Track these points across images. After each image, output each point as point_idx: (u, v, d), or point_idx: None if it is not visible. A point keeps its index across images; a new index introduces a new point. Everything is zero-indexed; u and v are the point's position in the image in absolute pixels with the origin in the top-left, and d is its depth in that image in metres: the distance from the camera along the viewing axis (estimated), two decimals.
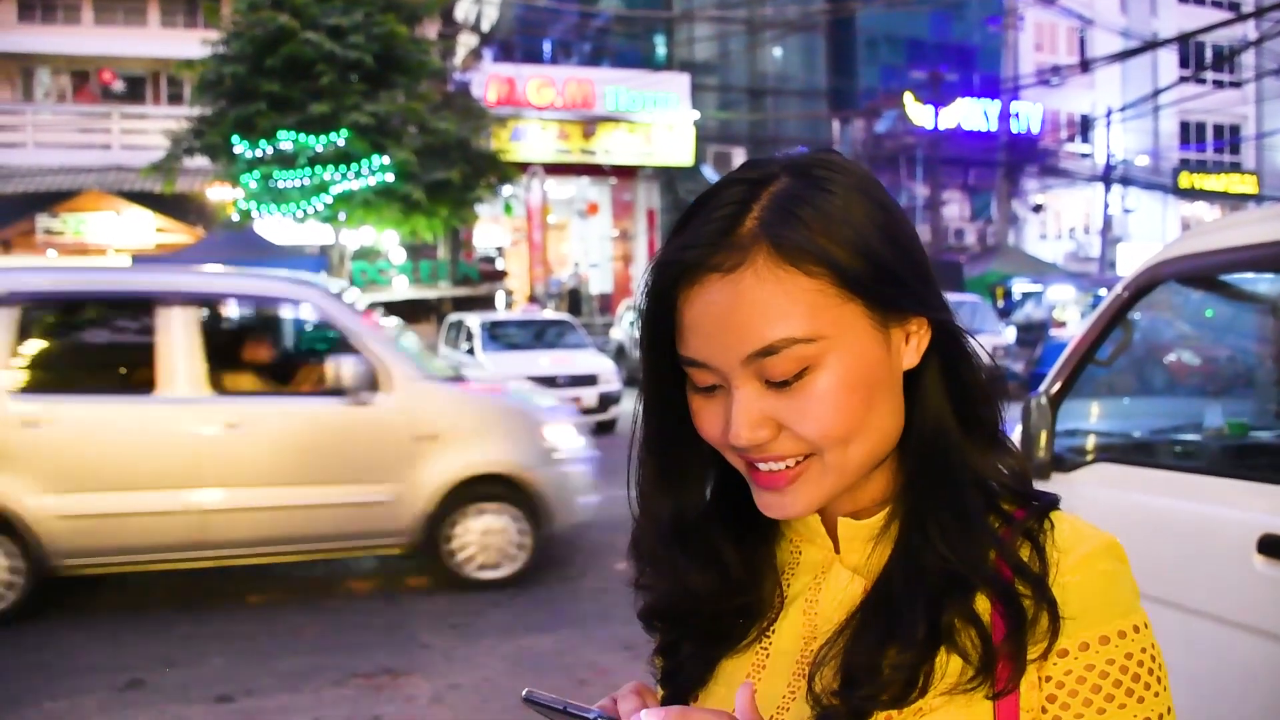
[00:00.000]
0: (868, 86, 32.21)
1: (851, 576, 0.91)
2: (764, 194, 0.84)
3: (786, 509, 0.88)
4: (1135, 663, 0.83)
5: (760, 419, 0.84)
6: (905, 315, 0.87)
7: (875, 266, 0.83)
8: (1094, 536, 0.86)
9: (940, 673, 0.82)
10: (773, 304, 0.82)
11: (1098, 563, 0.85)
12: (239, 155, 17.67)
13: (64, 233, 22.51)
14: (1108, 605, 0.84)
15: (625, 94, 26.91)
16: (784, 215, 0.83)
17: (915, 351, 0.88)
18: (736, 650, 0.95)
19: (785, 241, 0.82)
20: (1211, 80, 35.15)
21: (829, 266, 0.82)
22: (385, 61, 18.22)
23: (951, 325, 0.89)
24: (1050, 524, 0.87)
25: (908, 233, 0.88)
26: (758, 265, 0.82)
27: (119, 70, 25.90)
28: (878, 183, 0.89)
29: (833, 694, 0.84)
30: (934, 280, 0.89)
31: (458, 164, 18.87)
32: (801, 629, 0.92)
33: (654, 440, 0.95)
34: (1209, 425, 3.47)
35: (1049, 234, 36.43)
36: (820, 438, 0.84)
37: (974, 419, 0.90)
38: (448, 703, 4.99)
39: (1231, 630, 2.43)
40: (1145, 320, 3.50)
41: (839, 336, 0.83)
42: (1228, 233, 2.79)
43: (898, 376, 0.88)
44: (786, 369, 0.83)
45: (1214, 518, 2.56)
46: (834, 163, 0.88)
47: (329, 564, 7.70)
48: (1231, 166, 38.16)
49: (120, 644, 5.92)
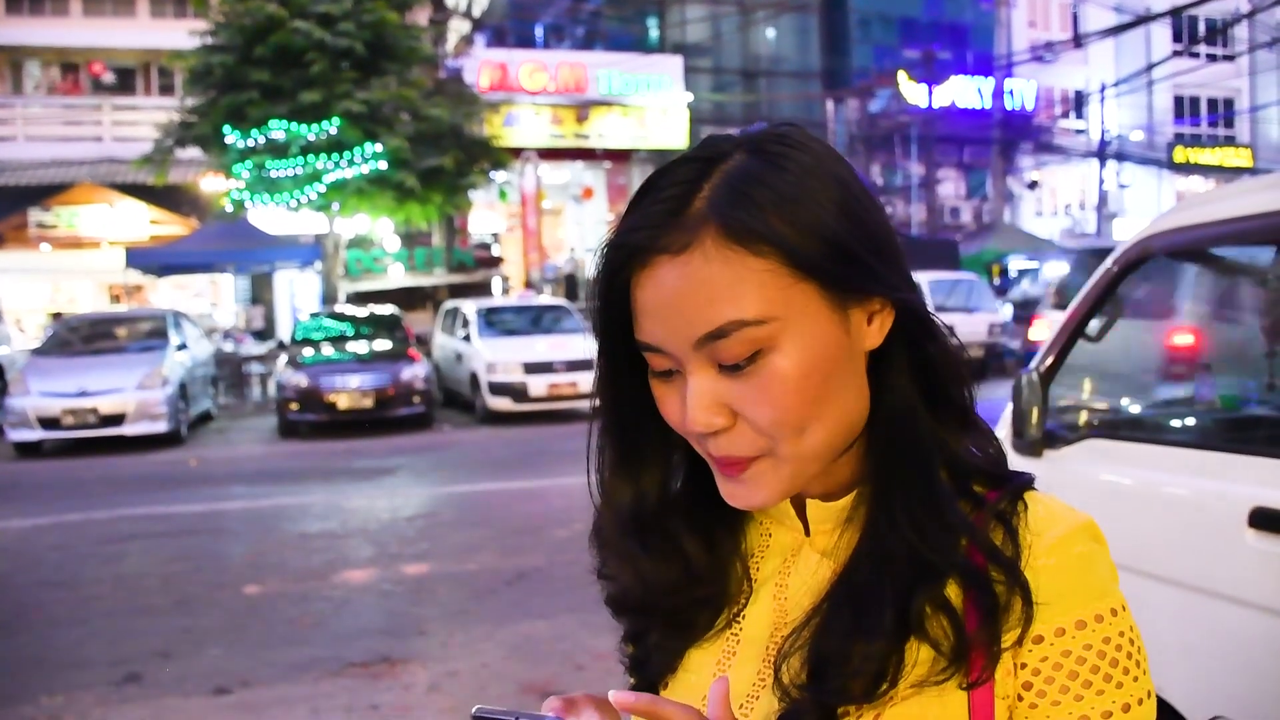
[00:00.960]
0: (861, 66, 32.11)
1: (820, 560, 0.89)
2: (715, 172, 0.82)
3: (749, 499, 0.85)
4: (1114, 647, 0.81)
5: (714, 405, 0.82)
6: (865, 295, 0.83)
7: (829, 246, 0.80)
8: (1069, 517, 0.84)
9: (911, 664, 0.80)
10: (721, 286, 0.79)
11: (1073, 545, 0.82)
12: (231, 145, 17.64)
13: (57, 226, 22.44)
14: (1084, 589, 0.81)
15: (618, 77, 26.82)
16: (733, 194, 0.80)
17: (878, 331, 0.85)
18: (705, 639, 0.92)
19: (733, 221, 0.79)
20: (1205, 54, 35.07)
21: (778, 246, 0.79)
22: (376, 49, 18.17)
23: (915, 304, 0.86)
24: (1024, 505, 0.85)
25: (868, 210, 0.84)
26: (706, 246, 0.79)
27: (109, 62, 25.80)
28: (839, 158, 0.86)
29: (800, 686, 0.82)
30: (898, 258, 0.86)
31: (451, 150, 18.84)
32: (771, 615, 0.90)
33: (611, 427, 0.93)
34: (1201, 399, 3.46)
35: (1044, 210, 36.37)
36: (773, 424, 0.81)
37: (943, 399, 0.87)
38: (446, 690, 4.99)
39: (1223, 604, 2.42)
40: (1136, 294, 3.48)
41: (791, 318, 0.80)
42: (1218, 205, 2.77)
43: (859, 358, 0.85)
44: (738, 352, 0.80)
45: (1205, 491, 2.55)
46: (791, 138, 0.84)
47: (325, 553, 7.71)
48: (1226, 140, 38.09)
49: (116, 638, 5.92)
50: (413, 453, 12.56)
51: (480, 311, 16.06)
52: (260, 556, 7.75)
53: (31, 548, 8.31)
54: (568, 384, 14.56)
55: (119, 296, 22.42)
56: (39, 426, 12.95)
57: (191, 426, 14.57)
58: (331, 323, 16.28)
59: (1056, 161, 34.62)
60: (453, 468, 11.36)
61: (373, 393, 14.03)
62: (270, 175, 17.80)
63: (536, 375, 14.50)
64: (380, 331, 15.81)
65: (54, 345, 14.45)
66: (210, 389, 16.11)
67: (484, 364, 14.70)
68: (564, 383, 14.55)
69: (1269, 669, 2.30)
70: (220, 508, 9.50)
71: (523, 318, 16.29)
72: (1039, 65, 30.34)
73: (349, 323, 16.23)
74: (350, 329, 15.99)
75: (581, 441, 0.94)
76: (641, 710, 0.74)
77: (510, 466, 11.24)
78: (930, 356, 0.87)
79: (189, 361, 14.61)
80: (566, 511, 8.55)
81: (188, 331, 15.39)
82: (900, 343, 0.86)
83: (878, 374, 0.87)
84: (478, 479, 10.64)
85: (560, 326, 15.97)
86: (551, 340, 15.19)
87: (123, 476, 11.49)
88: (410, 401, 14.29)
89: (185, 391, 14.09)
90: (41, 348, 14.57)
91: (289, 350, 15.53)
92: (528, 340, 15.18)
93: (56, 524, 8.98)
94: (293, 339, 15.91)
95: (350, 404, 14.00)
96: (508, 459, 11.96)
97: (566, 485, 10.03)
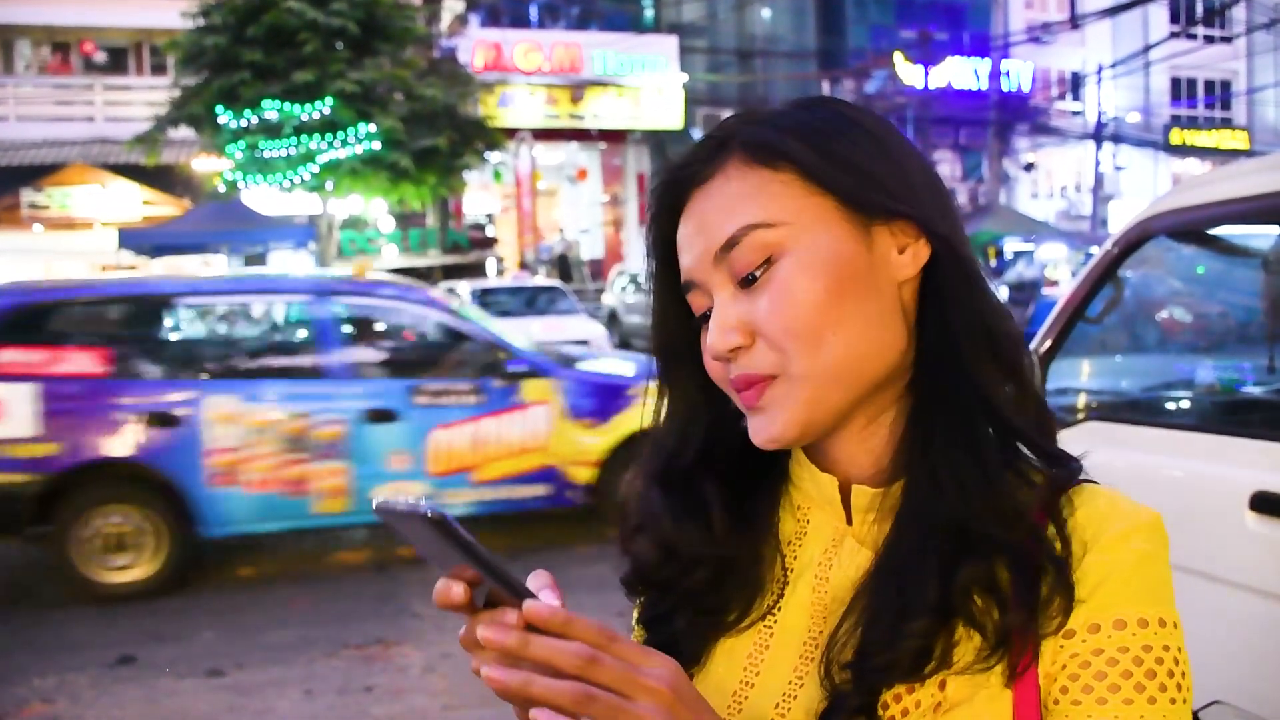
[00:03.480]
0: (857, 46, 31.97)
1: (862, 550, 0.84)
2: (759, 119, 0.85)
3: (769, 429, 0.82)
4: (1154, 658, 0.74)
5: (733, 323, 0.81)
6: (888, 215, 0.82)
7: (849, 165, 0.81)
8: (1133, 512, 0.80)
9: (960, 648, 0.75)
10: (737, 198, 0.81)
11: (1132, 540, 0.78)
12: (224, 126, 17.55)
13: (49, 207, 22.33)
14: (1132, 588, 0.76)
15: (613, 57, 26.69)
16: (762, 126, 0.84)
17: (911, 262, 0.83)
18: (737, 629, 0.87)
19: (753, 142, 0.82)
20: (1202, 35, 34.98)
21: (796, 161, 0.81)
22: (369, 28, 18.07)
23: (950, 238, 0.83)
24: (1082, 494, 0.81)
25: (903, 150, 0.85)
26: (728, 169, 0.83)
27: (101, 41, 25.61)
28: (882, 118, 0.86)
29: (844, 666, 0.78)
30: (936, 195, 0.84)
31: (445, 131, 18.76)
32: (810, 606, 0.85)
33: (661, 374, 0.93)
34: (1201, 382, 3.44)
35: (1040, 193, 36.31)
36: (785, 333, 0.79)
37: (987, 352, 0.82)
38: (440, 672, 4.98)
39: (1224, 588, 2.40)
40: (1136, 276, 3.46)
41: (804, 225, 0.80)
42: (1219, 185, 2.75)
43: (887, 286, 0.82)
44: (750, 259, 0.80)
45: (1206, 475, 2.53)
46: (834, 99, 0.88)
47: (319, 536, 7.68)
48: (1223, 122, 38.02)
49: (110, 620, 5.90)
50: None
51: (475, 293, 16.03)
52: (254, 539, 7.71)
53: None
54: None
55: None
56: None
57: None
58: None
59: (1053, 143, 34.55)
60: None
61: None
62: (263, 156, 17.71)
63: None
64: None
65: None
66: None
67: None
68: None
69: (1269, 654, 2.28)
70: None
71: (517, 299, 16.26)
72: (1036, 46, 30.22)
73: None
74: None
75: None
76: (555, 628, 0.68)
77: None
78: (970, 302, 0.83)
79: None
80: None
81: None
82: (941, 286, 0.83)
83: (920, 322, 0.84)
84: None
85: (555, 308, 15.95)
86: (546, 321, 15.16)
87: None
88: None
89: None
90: None
91: None
92: (523, 321, 15.12)
93: None
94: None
95: None
96: None
97: None
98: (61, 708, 4.72)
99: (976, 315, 0.82)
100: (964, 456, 0.79)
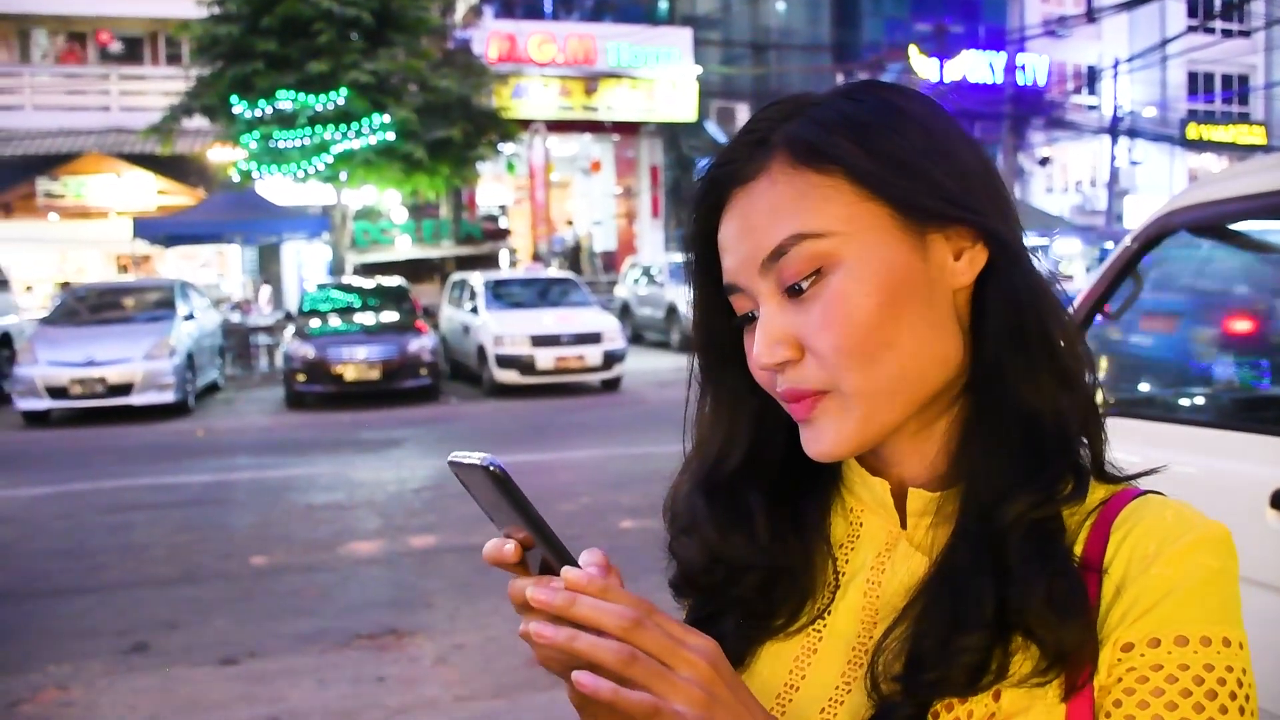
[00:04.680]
0: (872, 39, 31.85)
1: (917, 555, 0.82)
2: (801, 112, 0.81)
3: (818, 443, 0.79)
4: (1215, 679, 0.70)
5: (780, 335, 0.78)
6: (944, 221, 0.78)
7: (901, 166, 0.77)
8: (1202, 526, 0.75)
9: (1017, 659, 0.73)
10: (784, 203, 0.77)
11: (1199, 554, 0.73)
12: (239, 115, 17.58)
13: (64, 195, 22.44)
14: (1196, 605, 0.72)
15: (627, 49, 26.65)
16: (807, 122, 0.79)
17: (968, 268, 0.79)
18: (786, 633, 0.85)
19: (799, 143, 0.78)
20: (1220, 29, 34.74)
21: (844, 164, 0.77)
22: (384, 19, 18.08)
23: (1008, 240, 0.79)
24: (1147, 504, 0.78)
25: (955, 142, 0.80)
26: (773, 170, 0.79)
27: (116, 31, 25.65)
28: (931, 101, 0.82)
29: (893, 678, 0.75)
30: (993, 193, 0.80)
31: (459, 122, 18.77)
32: (860, 612, 0.83)
33: (704, 375, 0.90)
34: (1220, 378, 3.42)
35: (1055, 187, 36.15)
36: (837, 351, 0.76)
37: (1045, 355, 0.78)
38: (452, 663, 4.99)
39: (1244, 587, 2.38)
40: (1155, 272, 3.44)
41: (855, 234, 0.76)
42: (1240, 180, 2.73)
43: (942, 295, 0.79)
44: (799, 270, 0.77)
45: (1226, 472, 2.51)
46: (881, 83, 0.84)
47: (332, 525, 7.71)
48: (1240, 117, 37.76)
49: (124, 607, 5.92)
50: (419, 425, 12.56)
51: (488, 284, 16.02)
52: (267, 527, 7.75)
53: (38, 517, 8.32)
54: (575, 357, 14.52)
55: (126, 266, 22.45)
56: (47, 396, 12.96)
57: (199, 397, 14.57)
58: (339, 294, 16.25)
59: (1068, 138, 34.36)
60: (459, 440, 11.34)
61: (380, 364, 14.01)
62: (278, 146, 17.74)
63: (544, 348, 14.46)
64: (387, 303, 15.79)
65: (62, 315, 14.44)
66: (217, 359, 16.11)
67: (491, 336, 14.66)
68: (571, 356, 14.51)
69: None
70: (227, 478, 9.51)
71: (530, 291, 16.25)
72: (1052, 40, 30.06)
73: (356, 294, 16.20)
74: (357, 300, 15.96)
75: (587, 415, 0.90)
76: (593, 593, 0.67)
77: (517, 439, 11.23)
78: (1029, 308, 0.79)
79: (196, 332, 14.60)
80: (573, 485, 8.54)
81: (195, 302, 15.38)
82: (996, 287, 0.79)
83: (976, 326, 0.80)
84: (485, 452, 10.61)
85: (567, 300, 15.94)
86: (559, 313, 15.16)
87: (130, 446, 11.50)
88: (417, 373, 14.28)
89: (192, 362, 14.08)
90: (49, 317, 14.56)
91: (296, 321, 15.52)
92: (535, 313, 15.15)
93: (64, 493, 8.99)
94: (300, 310, 15.90)
95: (357, 375, 13.99)
96: (514, 432, 11.94)
97: (573, 459, 10.03)
98: (75, 694, 4.74)
99: (1034, 321, 0.79)
100: (1021, 465, 0.77)
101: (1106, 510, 0.78)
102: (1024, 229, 0.82)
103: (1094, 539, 0.77)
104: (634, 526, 7.14)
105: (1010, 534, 0.75)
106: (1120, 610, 0.73)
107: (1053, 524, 0.76)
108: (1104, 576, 0.75)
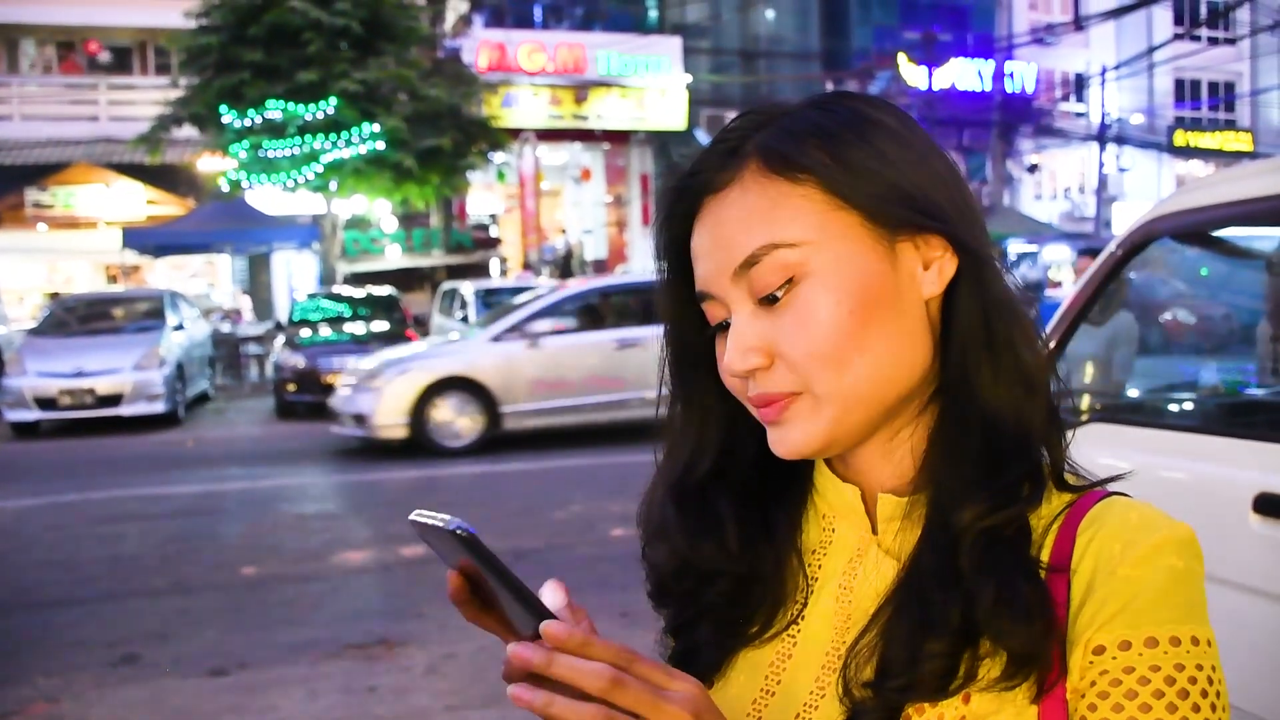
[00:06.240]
0: (861, 47, 31.94)
1: (888, 560, 0.83)
2: (773, 122, 0.82)
3: (787, 441, 0.80)
4: (1186, 678, 0.72)
5: (753, 343, 0.79)
6: (913, 230, 0.79)
7: (871, 176, 0.78)
8: (1166, 527, 0.76)
9: (986, 663, 0.74)
10: (756, 212, 0.79)
11: (1165, 556, 0.75)
12: (228, 125, 17.57)
13: (54, 206, 22.38)
14: (1166, 605, 0.73)
15: (617, 58, 26.69)
16: (779, 132, 0.80)
17: (936, 279, 0.80)
18: (760, 640, 0.86)
19: (771, 152, 0.79)
20: (1206, 37, 34.92)
21: (816, 173, 0.78)
22: (373, 28, 18.09)
23: (977, 251, 0.80)
24: (1112, 506, 0.79)
25: (926, 155, 0.82)
26: (745, 179, 0.80)
27: (105, 41, 25.61)
28: (904, 114, 0.84)
29: (864, 684, 0.76)
30: (963, 202, 0.82)
31: (449, 131, 18.78)
32: (835, 617, 0.84)
33: (674, 384, 0.91)
34: (1205, 383, 3.44)
35: (1044, 194, 36.27)
36: (808, 357, 0.77)
37: (1009, 364, 0.80)
38: (443, 673, 4.98)
39: (1228, 590, 2.40)
40: (1140, 278, 3.46)
41: (826, 244, 0.78)
42: (1223, 187, 2.75)
43: (913, 304, 0.80)
44: (770, 280, 0.78)
45: (1210, 477, 2.53)
46: (854, 93, 0.86)
47: (322, 535, 7.69)
48: (1226, 124, 37.96)
49: (113, 618, 5.90)
50: None
51: (478, 293, 16.03)
52: (257, 538, 7.73)
53: (28, 528, 8.29)
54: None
55: (116, 277, 22.37)
56: (36, 407, 12.92)
57: (188, 407, 14.53)
58: (329, 304, 16.23)
59: (1056, 145, 34.51)
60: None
61: None
62: (267, 155, 17.73)
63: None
64: (378, 312, 15.78)
65: (51, 325, 14.40)
66: (207, 370, 16.09)
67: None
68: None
69: (1274, 656, 2.28)
70: (217, 489, 9.48)
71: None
72: (1040, 48, 30.20)
73: (346, 304, 16.19)
74: (348, 310, 15.95)
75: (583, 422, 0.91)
76: (573, 648, 0.67)
77: (505, 448, 11.21)
78: (996, 318, 0.80)
79: (186, 342, 14.57)
80: (565, 494, 8.53)
81: (185, 312, 15.35)
82: (964, 296, 0.81)
83: (945, 334, 0.82)
84: (473, 460, 10.61)
85: None
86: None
87: (120, 457, 11.46)
88: None
89: (182, 372, 14.05)
90: (38, 328, 14.53)
91: (286, 331, 15.49)
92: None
93: (53, 504, 8.96)
94: (290, 320, 15.86)
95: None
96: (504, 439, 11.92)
97: (566, 466, 10.03)
98: (65, 707, 4.72)
99: (1001, 330, 0.80)
100: (987, 471, 0.78)
101: (1073, 513, 0.79)
102: (1011, 236, 0.84)
103: (1061, 541, 0.78)
104: (625, 534, 7.14)
105: (963, 539, 0.76)
106: (1090, 612, 0.74)
107: (1009, 529, 0.77)
108: (1073, 578, 0.76)
